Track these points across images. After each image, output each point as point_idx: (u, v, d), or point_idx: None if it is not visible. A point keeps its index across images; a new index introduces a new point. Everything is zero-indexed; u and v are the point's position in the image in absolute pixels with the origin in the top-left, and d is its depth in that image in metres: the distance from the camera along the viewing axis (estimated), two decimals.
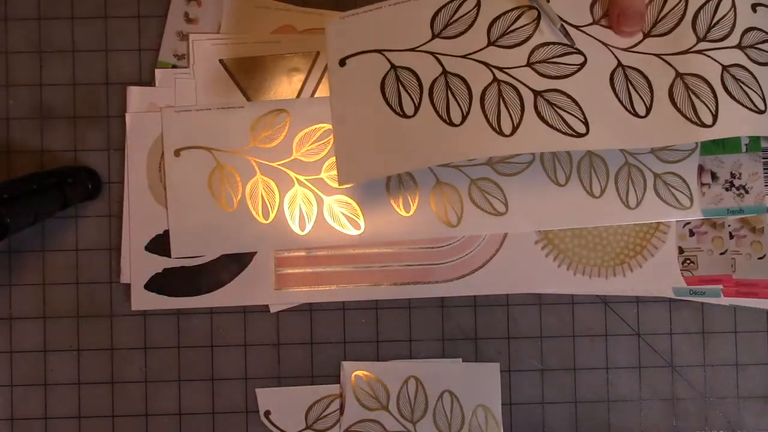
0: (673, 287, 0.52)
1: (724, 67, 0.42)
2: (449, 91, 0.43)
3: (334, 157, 0.47)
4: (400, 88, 0.43)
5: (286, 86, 0.52)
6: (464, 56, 0.43)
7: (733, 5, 0.43)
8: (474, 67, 0.43)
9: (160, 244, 0.52)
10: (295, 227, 0.52)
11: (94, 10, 0.53)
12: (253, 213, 0.52)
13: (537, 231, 0.52)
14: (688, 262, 0.51)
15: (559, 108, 0.42)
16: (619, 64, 0.43)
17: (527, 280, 0.52)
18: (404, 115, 0.43)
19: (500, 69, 0.43)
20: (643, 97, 0.43)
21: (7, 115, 0.53)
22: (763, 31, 0.43)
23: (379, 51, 0.44)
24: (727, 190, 0.51)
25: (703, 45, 0.43)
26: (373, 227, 0.52)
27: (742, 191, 0.51)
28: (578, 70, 0.43)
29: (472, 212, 0.52)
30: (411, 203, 0.52)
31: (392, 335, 0.53)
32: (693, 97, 0.42)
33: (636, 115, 0.42)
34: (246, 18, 0.53)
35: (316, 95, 0.52)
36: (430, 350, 0.53)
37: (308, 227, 0.52)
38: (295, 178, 0.52)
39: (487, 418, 0.52)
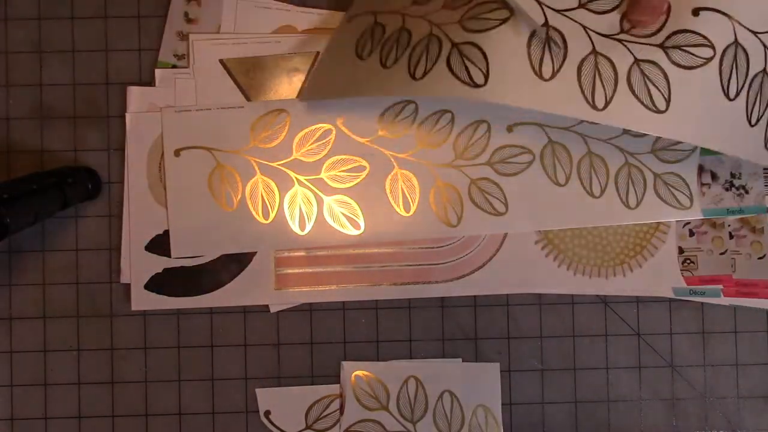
0: (673, 287, 0.52)
1: (636, 61, 0.43)
2: (397, 43, 0.47)
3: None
4: (373, 41, 0.48)
5: (286, 86, 0.52)
6: (421, 16, 0.46)
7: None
8: (420, 24, 0.46)
9: (160, 244, 0.52)
10: (295, 227, 0.52)
11: (94, 10, 0.53)
12: (253, 213, 0.52)
13: (537, 231, 0.52)
14: (688, 262, 0.51)
15: (467, 59, 0.44)
16: (546, 23, 0.43)
17: (527, 280, 0.52)
18: (361, 58, 0.48)
19: (436, 25, 0.45)
20: (555, 61, 0.43)
21: (7, 115, 0.53)
22: (700, 35, 0.43)
23: (372, 13, 0.48)
24: (727, 190, 0.51)
25: (624, 36, 0.43)
26: (373, 227, 0.52)
27: (742, 191, 0.51)
28: (498, 25, 0.43)
29: (472, 212, 0.52)
30: (411, 203, 0.52)
31: (392, 335, 0.53)
32: (597, 77, 0.43)
33: (541, 77, 0.43)
34: (246, 18, 0.53)
35: None
36: (430, 350, 0.53)
37: (308, 227, 0.52)
38: (295, 178, 0.52)
39: (487, 418, 0.52)
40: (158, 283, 0.52)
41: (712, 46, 0.43)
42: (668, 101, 0.43)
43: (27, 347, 0.53)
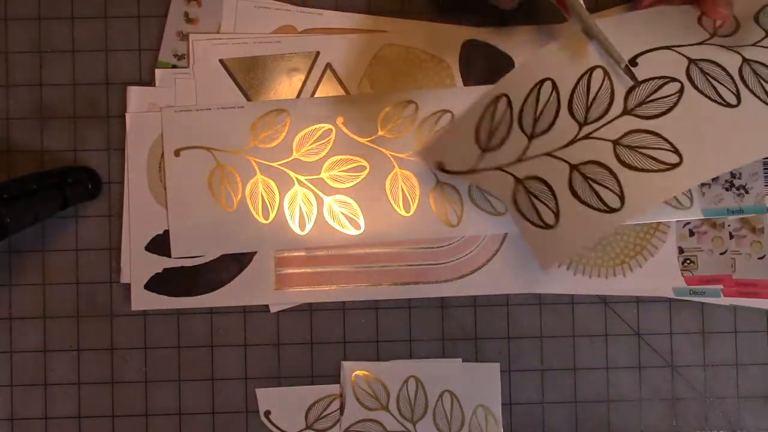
0: (673, 287, 0.52)
1: (615, 142, 0.41)
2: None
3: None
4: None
5: (286, 86, 0.52)
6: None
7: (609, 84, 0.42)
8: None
9: (160, 244, 0.52)
10: (295, 227, 0.52)
11: (94, 10, 0.53)
12: (253, 213, 0.52)
13: None
14: (688, 262, 0.51)
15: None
16: (517, 181, 0.42)
17: (527, 280, 0.52)
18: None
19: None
20: (549, 206, 0.42)
21: (7, 115, 0.53)
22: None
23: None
24: (727, 190, 0.51)
25: (586, 129, 0.41)
26: (373, 227, 0.52)
27: (742, 191, 0.51)
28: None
29: (472, 212, 0.52)
30: (411, 203, 0.52)
31: (392, 335, 0.53)
32: (593, 184, 0.40)
33: (545, 226, 0.42)
34: (246, 18, 0.53)
35: (316, 95, 0.52)
36: (430, 350, 0.53)
37: (308, 227, 0.52)
38: (295, 178, 0.52)
39: (487, 418, 0.52)
40: (158, 283, 0.52)
41: None
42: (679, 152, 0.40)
43: (27, 347, 0.53)
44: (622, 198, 0.39)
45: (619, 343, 0.53)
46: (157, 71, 0.52)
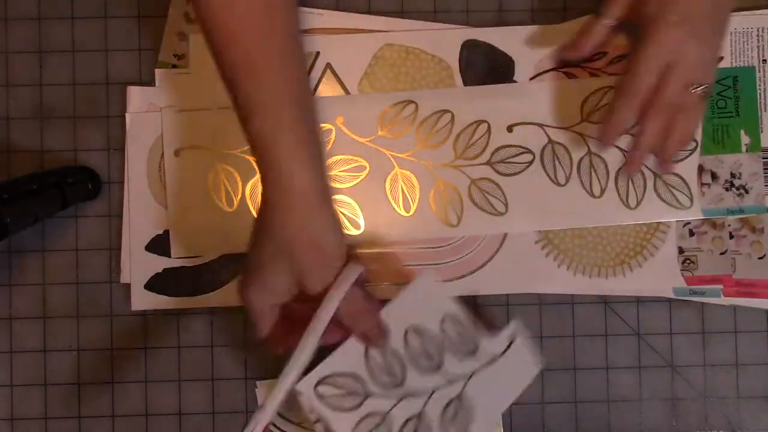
0: (673, 287, 0.52)
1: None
2: None
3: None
4: None
5: None
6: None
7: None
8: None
9: (160, 244, 0.52)
10: None
11: (94, 10, 0.53)
12: (253, 213, 0.52)
13: (537, 231, 0.52)
14: (688, 262, 0.51)
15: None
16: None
17: (527, 280, 0.52)
18: None
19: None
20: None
21: (7, 115, 0.53)
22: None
23: None
24: (727, 190, 0.51)
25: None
26: (373, 227, 0.52)
27: (742, 191, 0.51)
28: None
29: (472, 212, 0.52)
30: (411, 203, 0.52)
31: None
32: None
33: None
34: None
35: (316, 95, 0.52)
36: None
37: None
38: None
39: None
40: (158, 283, 0.52)
41: None
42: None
43: (27, 347, 0.53)
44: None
45: (619, 343, 0.53)
46: (157, 71, 0.52)
